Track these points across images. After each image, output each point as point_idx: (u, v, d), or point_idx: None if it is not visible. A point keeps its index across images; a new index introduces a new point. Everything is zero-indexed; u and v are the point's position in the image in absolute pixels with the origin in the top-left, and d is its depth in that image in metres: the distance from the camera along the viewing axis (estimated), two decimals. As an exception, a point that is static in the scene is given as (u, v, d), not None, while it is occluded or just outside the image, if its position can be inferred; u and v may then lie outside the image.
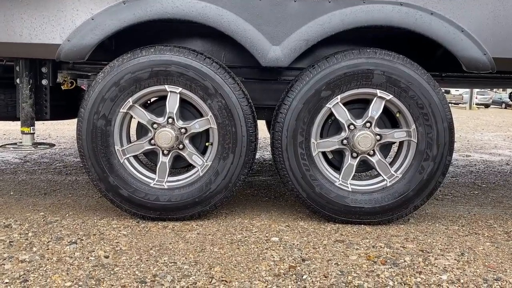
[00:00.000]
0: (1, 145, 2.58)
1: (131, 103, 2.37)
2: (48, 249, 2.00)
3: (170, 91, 2.36)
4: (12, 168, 3.85)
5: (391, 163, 2.50)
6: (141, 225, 2.36)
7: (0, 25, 2.29)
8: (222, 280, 1.72)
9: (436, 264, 1.91)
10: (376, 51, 2.35)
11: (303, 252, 2.03)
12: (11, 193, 3.01)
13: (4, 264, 1.82)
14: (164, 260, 1.91)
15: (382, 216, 2.42)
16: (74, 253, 1.95)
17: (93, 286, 1.66)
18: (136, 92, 2.35)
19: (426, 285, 1.71)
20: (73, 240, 2.10)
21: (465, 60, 2.29)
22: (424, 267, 1.88)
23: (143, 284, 1.68)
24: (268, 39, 2.31)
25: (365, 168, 2.59)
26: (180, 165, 2.55)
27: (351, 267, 1.87)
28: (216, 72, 2.33)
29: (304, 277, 1.77)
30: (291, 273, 1.80)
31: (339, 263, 1.91)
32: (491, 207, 2.94)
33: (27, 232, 2.21)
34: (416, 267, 1.88)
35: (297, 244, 2.12)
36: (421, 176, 2.39)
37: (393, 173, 2.45)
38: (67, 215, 2.53)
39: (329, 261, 1.93)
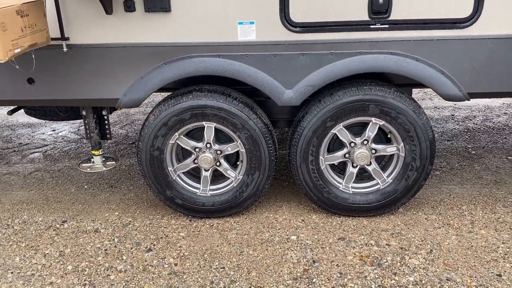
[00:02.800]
0: (78, 164, 3.33)
1: (177, 136, 3.03)
2: (133, 257, 2.85)
3: (207, 126, 2.99)
4: (74, 149, 4.64)
5: (384, 169, 3.15)
6: (193, 225, 3.17)
7: (74, 87, 2.90)
8: (258, 286, 2.54)
9: (408, 265, 2.67)
10: (372, 88, 2.86)
11: (314, 252, 2.82)
12: (85, 186, 3.83)
13: (109, 275, 2.68)
14: (216, 265, 2.74)
15: (375, 212, 3.15)
16: (152, 261, 2.80)
17: (173, 294, 2.51)
18: (181, 128, 2.99)
19: (397, 287, 2.49)
20: (148, 247, 2.94)
21: (444, 96, 2.80)
22: (399, 267, 2.65)
23: (205, 291, 2.53)
24: (283, 84, 2.85)
25: (364, 171, 3.25)
26: (219, 173, 3.27)
27: (347, 269, 2.66)
28: (242, 111, 2.92)
29: (314, 280, 2.57)
30: (305, 277, 2.60)
31: (339, 265, 2.70)
32: (470, 185, 3.60)
33: (113, 238, 3.05)
34: (393, 267, 2.65)
35: (310, 244, 2.91)
36: (407, 182, 3.06)
37: (385, 178, 3.11)
38: (137, 214, 3.34)
39: (332, 263, 2.72)
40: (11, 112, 3.45)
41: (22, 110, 3.75)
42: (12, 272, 2.74)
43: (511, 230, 2.97)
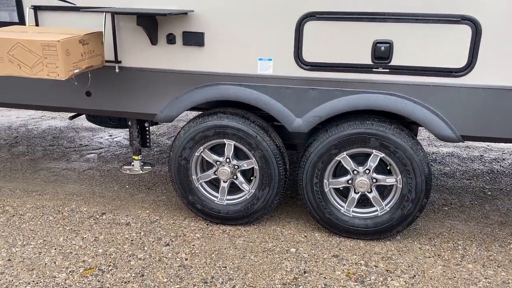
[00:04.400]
0: (120, 167, 3.92)
1: (202, 150, 3.52)
2: (153, 248, 3.35)
3: (227, 143, 3.46)
4: (124, 154, 5.29)
5: (384, 197, 3.44)
6: (209, 229, 3.63)
7: (122, 101, 3.50)
8: (250, 286, 2.94)
9: (389, 285, 2.94)
10: (373, 123, 3.20)
11: (307, 264, 3.17)
12: (127, 186, 4.42)
13: (130, 261, 3.19)
14: (219, 264, 3.16)
15: (372, 236, 3.44)
16: (167, 254, 3.28)
17: (177, 282, 2.96)
18: (205, 143, 3.48)
19: (372, 302, 2.78)
20: (167, 242, 3.43)
21: (439, 136, 3.08)
22: (380, 286, 2.93)
23: (205, 284, 2.95)
24: (293, 113, 3.26)
25: (365, 198, 3.55)
26: (235, 185, 3.72)
27: (332, 282, 2.98)
28: (258, 133, 3.36)
29: (300, 287, 2.92)
30: (293, 284, 2.96)
31: (326, 277, 3.03)
32: (474, 223, 3.77)
33: (140, 232, 3.58)
34: (374, 286, 2.93)
35: (306, 257, 3.25)
36: (402, 212, 3.33)
37: (384, 206, 3.40)
38: (164, 214, 3.86)
39: (321, 275, 3.05)
40: (72, 118, 4.13)
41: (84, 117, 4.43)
42: (55, 249, 3.33)
43: (498, 268, 3.14)
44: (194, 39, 3.23)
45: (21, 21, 3.42)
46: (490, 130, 3.01)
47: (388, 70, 3.04)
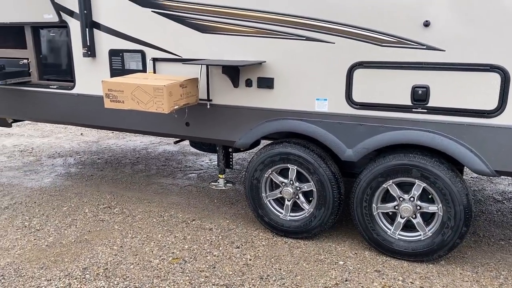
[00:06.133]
0: (209, 183, 4.84)
1: (270, 172, 4.27)
2: (226, 249, 4.14)
3: (291, 167, 4.17)
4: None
5: (428, 223, 3.81)
6: (274, 239, 4.32)
7: (212, 131, 4.44)
8: (297, 285, 3.55)
9: (418, 299, 3.33)
10: (416, 156, 3.65)
11: (350, 275, 3.67)
12: (215, 200, 5.33)
13: (207, 256, 4.02)
14: (276, 267, 3.82)
15: (414, 258, 3.81)
16: (236, 255, 4.04)
17: (239, 276, 3.69)
18: (273, 166, 4.23)
19: (398, 310, 3.20)
20: (238, 245, 4.20)
21: (473, 170, 3.42)
22: (409, 299, 3.33)
23: (261, 279, 3.63)
24: (345, 144, 3.86)
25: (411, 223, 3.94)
26: (297, 204, 4.37)
27: (367, 290, 3.46)
28: (315, 160, 4.01)
29: (338, 291, 3.46)
30: None
31: (364, 286, 3.51)
32: (527, 258, 3.90)
33: (219, 236, 4.41)
34: (404, 298, 3.34)
35: (351, 269, 3.76)
36: (443, 237, 3.67)
37: (427, 231, 3.77)
38: (240, 224, 4.66)
39: (359, 284, 3.54)
40: (176, 142, 5.20)
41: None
42: (154, 242, 4.30)
43: (533, 298, 3.31)
44: (266, 83, 4.04)
45: (144, 69, 4.58)
46: (523, 167, 3.28)
47: (425, 110, 3.50)
